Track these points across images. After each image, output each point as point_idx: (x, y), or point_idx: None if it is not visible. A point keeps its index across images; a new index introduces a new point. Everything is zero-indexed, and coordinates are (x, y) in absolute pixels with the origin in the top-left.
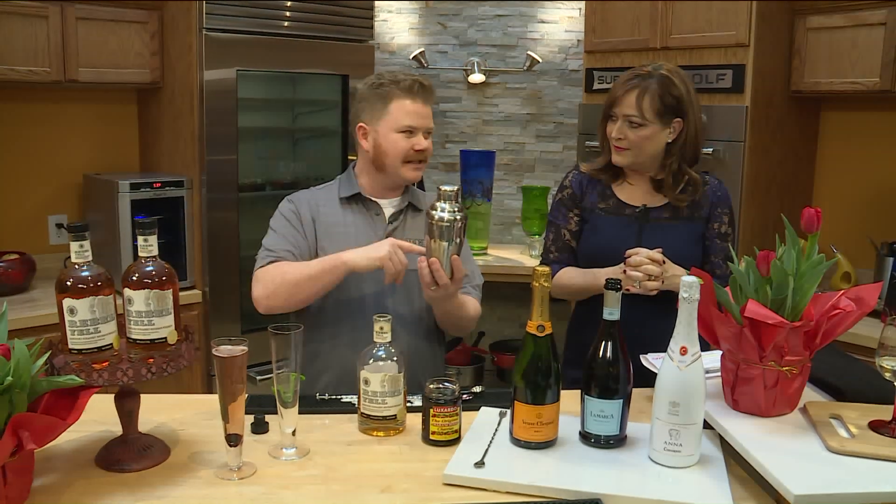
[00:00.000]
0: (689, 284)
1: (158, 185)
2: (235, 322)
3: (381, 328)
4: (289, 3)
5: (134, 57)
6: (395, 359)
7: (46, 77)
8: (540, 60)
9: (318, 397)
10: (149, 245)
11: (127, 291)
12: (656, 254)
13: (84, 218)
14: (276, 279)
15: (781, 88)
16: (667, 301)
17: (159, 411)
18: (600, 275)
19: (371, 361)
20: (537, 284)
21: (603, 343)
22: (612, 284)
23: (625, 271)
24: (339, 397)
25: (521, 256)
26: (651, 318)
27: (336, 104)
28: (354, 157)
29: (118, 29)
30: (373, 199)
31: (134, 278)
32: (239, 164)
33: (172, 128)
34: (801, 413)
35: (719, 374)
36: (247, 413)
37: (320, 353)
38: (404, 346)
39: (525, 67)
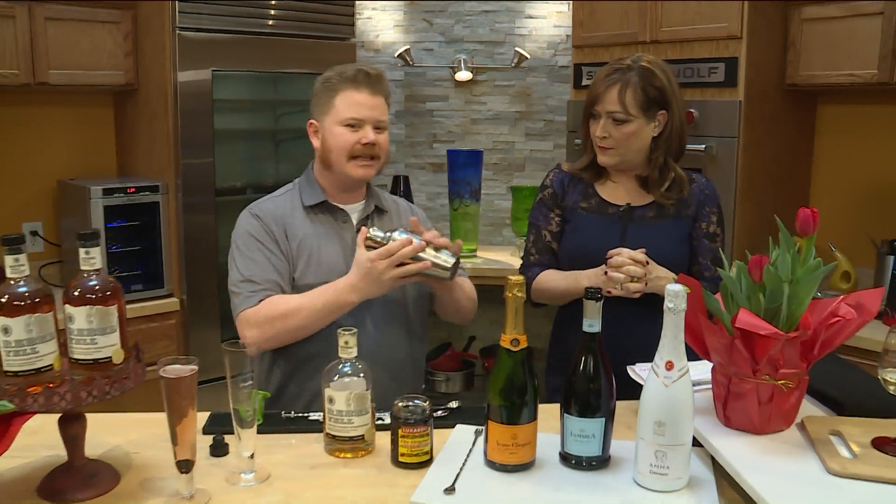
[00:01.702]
0: (674, 293)
1: (132, 189)
2: (215, 329)
3: (347, 342)
4: (266, 2)
5: (107, 58)
6: (361, 375)
7: (15, 79)
8: (528, 57)
9: (283, 415)
10: (91, 258)
11: (67, 308)
12: (639, 254)
13: (59, 225)
14: (276, 323)
15: (776, 82)
16: (651, 304)
17: (115, 431)
18: (582, 277)
19: (336, 378)
20: (510, 295)
21: (583, 357)
22: (592, 294)
23: (606, 273)
24: (306, 415)
25: (511, 258)
26: (634, 322)
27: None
28: None
29: (90, 29)
30: (339, 205)
31: (75, 294)
32: (216, 167)
33: (148, 131)
34: (799, 429)
35: (709, 386)
36: (207, 433)
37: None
38: (383, 349)
39: (513, 64)
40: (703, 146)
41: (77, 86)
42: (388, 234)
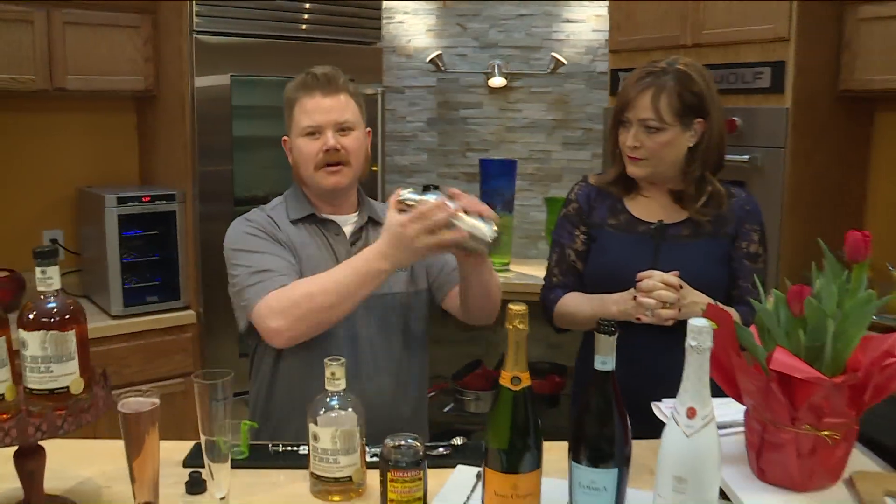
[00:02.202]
0: (698, 330)
1: (147, 198)
2: (233, 343)
3: (333, 374)
4: (287, 4)
5: (126, 63)
6: (350, 409)
7: (32, 85)
8: (566, 62)
9: (271, 448)
10: (48, 278)
11: (21, 333)
12: (672, 277)
13: (79, 234)
14: (302, 304)
15: (827, 87)
16: (684, 333)
17: (89, 460)
18: (609, 302)
19: (322, 412)
20: (511, 327)
21: (594, 399)
22: (605, 327)
23: (635, 297)
24: (296, 448)
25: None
26: (664, 352)
27: None
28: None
29: (109, 34)
30: (330, 217)
31: (30, 317)
32: (235, 175)
33: (167, 138)
34: (848, 487)
35: (741, 429)
36: (187, 466)
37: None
38: (381, 381)
39: (550, 70)
40: (747, 157)
41: (95, 91)
42: (422, 196)
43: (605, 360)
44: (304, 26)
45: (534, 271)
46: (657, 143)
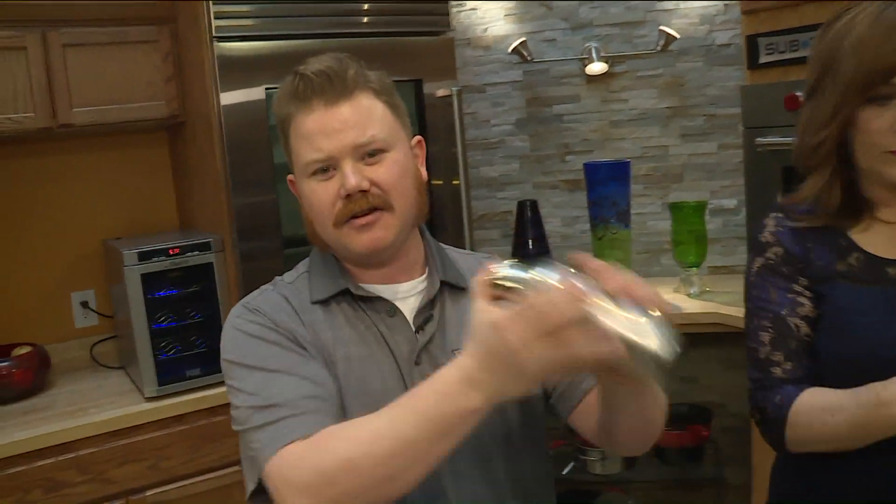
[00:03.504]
0: None
1: (175, 251)
2: None
3: None
4: None
5: (143, 87)
6: None
7: (31, 124)
8: (677, 37)
9: None
10: None
11: None
12: None
13: (110, 295)
14: (338, 482)
15: None
16: None
17: None
18: (886, 396)
19: None
20: None
21: None
22: None
23: None
24: None
25: (674, 297)
26: None
27: (411, 119)
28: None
29: (119, 54)
30: (376, 292)
31: None
32: (281, 210)
33: (200, 172)
34: None
35: None
36: None
37: None
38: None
39: (659, 48)
40: None
41: (110, 125)
42: (531, 273)
43: None
44: (351, 19)
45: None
46: None
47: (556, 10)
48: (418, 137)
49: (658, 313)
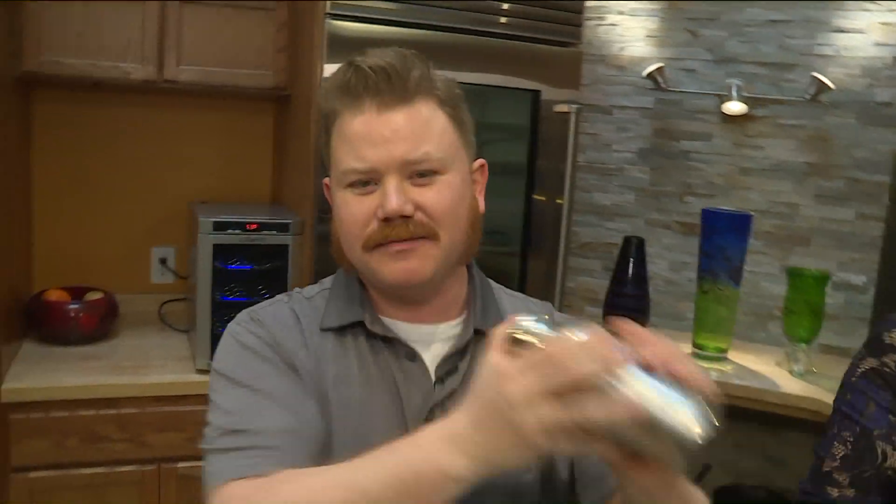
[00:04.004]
0: None
1: (253, 226)
2: None
3: None
4: None
5: (254, 54)
6: None
7: (138, 75)
8: (832, 87)
9: None
10: None
11: None
12: None
13: (188, 256)
14: None
15: None
16: None
17: None
18: None
19: None
20: None
21: None
22: None
23: None
24: None
25: (775, 371)
26: None
27: (524, 130)
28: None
29: (235, 17)
30: (394, 331)
31: None
32: None
33: (296, 149)
34: None
35: None
36: None
37: None
38: None
39: (808, 96)
40: None
41: (210, 86)
42: (559, 331)
43: None
44: (475, 16)
45: (758, 364)
46: None
47: (701, 39)
48: (481, 161)
49: (698, 395)
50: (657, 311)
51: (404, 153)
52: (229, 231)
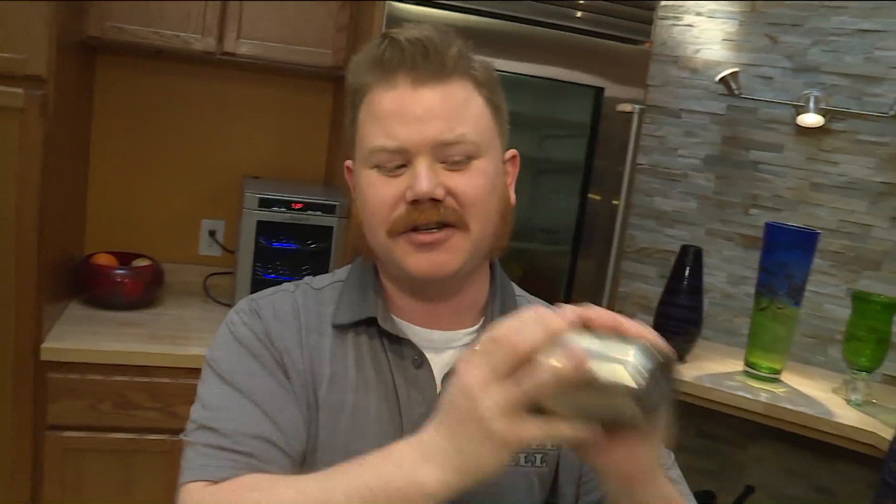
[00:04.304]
0: None
1: (298, 206)
2: None
3: None
4: None
5: (314, 31)
6: None
7: (197, 46)
8: None
9: None
10: None
11: None
12: None
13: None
14: None
15: None
16: None
17: None
18: None
19: None
20: None
21: None
22: None
23: None
24: None
25: (831, 398)
26: None
27: (584, 127)
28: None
29: None
30: (404, 332)
31: None
32: None
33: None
34: None
35: None
36: None
37: None
38: None
39: (893, 112)
40: None
41: (268, 61)
42: None
43: None
44: (544, 6)
45: (815, 390)
46: None
47: (781, 46)
48: (513, 152)
49: (641, 341)
50: (711, 325)
51: (438, 133)
52: (274, 209)
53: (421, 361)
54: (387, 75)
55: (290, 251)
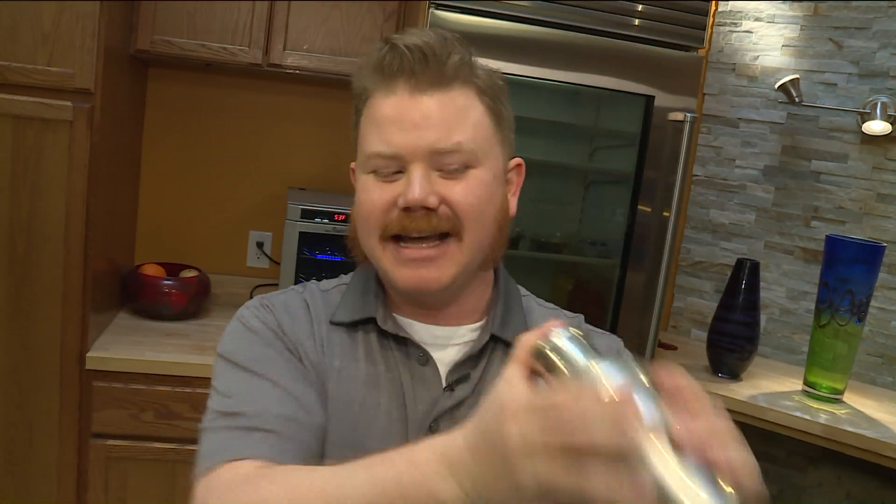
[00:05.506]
0: None
1: (341, 217)
2: None
3: None
4: None
5: (360, 42)
6: None
7: (244, 58)
8: None
9: None
10: None
11: None
12: None
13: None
14: None
15: None
16: None
17: None
18: None
19: None
20: None
21: None
22: None
23: None
24: None
25: (893, 418)
26: None
27: (634, 137)
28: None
29: (345, 4)
30: (407, 332)
31: None
32: None
33: None
34: None
35: None
36: None
37: None
38: None
39: None
40: None
41: (315, 73)
42: (591, 361)
43: None
44: (594, 14)
45: (879, 412)
46: None
47: (846, 51)
48: (518, 161)
49: (731, 490)
50: (769, 342)
51: (434, 141)
52: (317, 220)
53: (426, 359)
54: (387, 81)
55: (335, 264)
